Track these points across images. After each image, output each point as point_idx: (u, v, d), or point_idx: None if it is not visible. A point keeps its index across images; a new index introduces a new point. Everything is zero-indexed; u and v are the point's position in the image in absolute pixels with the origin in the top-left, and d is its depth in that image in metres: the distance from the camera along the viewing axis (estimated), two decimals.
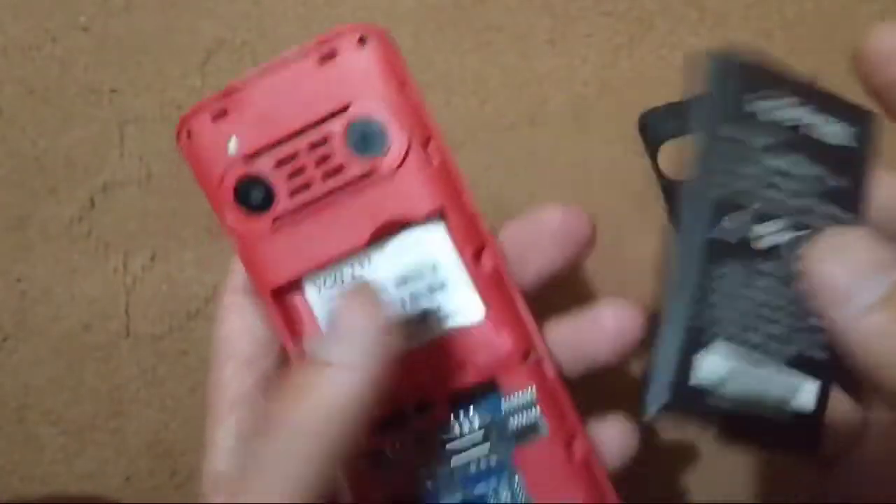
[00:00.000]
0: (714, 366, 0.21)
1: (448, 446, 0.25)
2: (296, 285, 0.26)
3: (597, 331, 0.26)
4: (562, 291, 0.30)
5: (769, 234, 0.22)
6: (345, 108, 0.25)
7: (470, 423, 0.26)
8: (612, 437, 0.26)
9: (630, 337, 0.26)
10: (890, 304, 0.17)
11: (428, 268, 0.26)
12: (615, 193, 0.39)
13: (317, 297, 0.26)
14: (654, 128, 0.40)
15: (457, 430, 0.26)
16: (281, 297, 0.25)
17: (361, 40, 0.26)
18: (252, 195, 0.25)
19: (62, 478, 0.38)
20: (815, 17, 0.40)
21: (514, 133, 0.39)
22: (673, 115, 0.40)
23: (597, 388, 0.26)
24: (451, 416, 0.26)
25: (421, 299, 0.26)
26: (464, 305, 0.26)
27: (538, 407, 0.26)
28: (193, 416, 0.38)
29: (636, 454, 0.26)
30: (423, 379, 0.25)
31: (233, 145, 0.25)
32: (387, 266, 0.25)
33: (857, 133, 0.24)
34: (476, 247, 0.25)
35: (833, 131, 0.23)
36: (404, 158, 0.25)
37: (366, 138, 0.25)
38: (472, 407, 0.26)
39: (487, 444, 0.26)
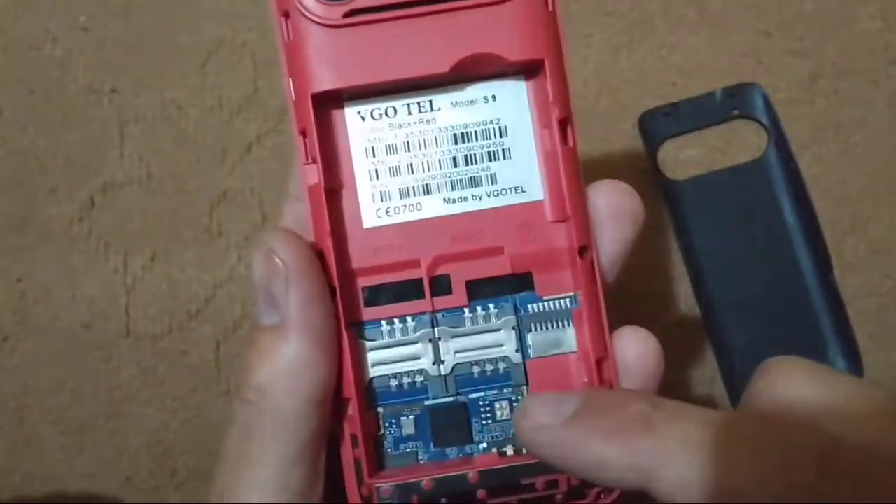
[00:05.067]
0: None
1: (455, 339, 0.22)
2: (338, 104, 0.22)
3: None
4: None
5: None
6: None
7: (488, 317, 0.22)
8: (632, 350, 0.23)
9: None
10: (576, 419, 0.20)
11: (495, 129, 0.22)
12: None
13: (359, 127, 0.22)
14: (654, 128, 0.40)
15: (471, 321, 0.22)
16: (321, 109, 0.22)
17: None
18: None
19: (62, 478, 0.38)
20: (815, 17, 0.40)
21: None
22: (672, 116, 0.40)
23: None
24: (470, 303, 0.22)
25: (477, 162, 0.22)
26: (524, 181, 0.22)
27: (573, 318, 0.23)
28: (193, 416, 0.38)
29: (661, 374, 0.23)
30: (450, 251, 0.22)
31: None
32: (449, 115, 0.22)
33: None
34: (558, 117, 0.22)
35: None
36: None
37: None
38: (497, 299, 0.22)
39: (502, 347, 0.22)
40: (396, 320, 0.22)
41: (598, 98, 0.39)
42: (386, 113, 0.22)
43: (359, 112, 0.22)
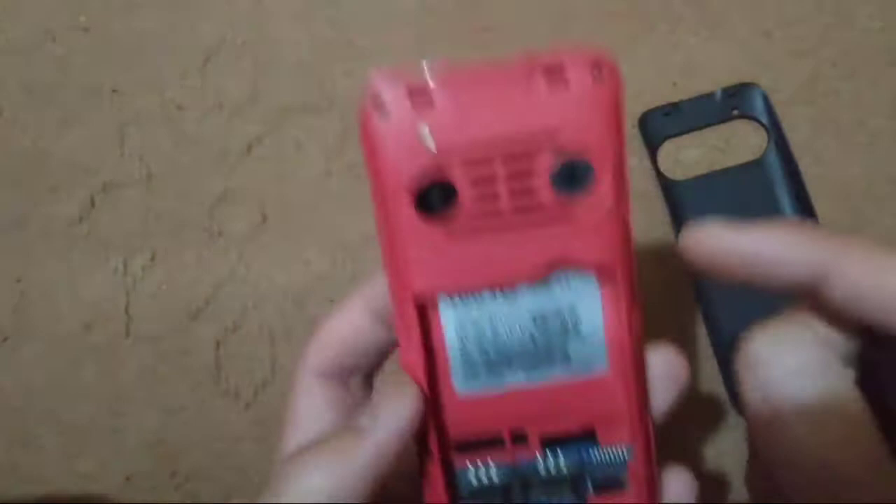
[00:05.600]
0: None
1: (529, 482, 0.26)
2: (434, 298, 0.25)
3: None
4: None
5: None
6: (557, 136, 0.23)
7: (557, 464, 0.26)
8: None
9: (679, 383, 0.26)
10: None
11: (567, 310, 0.25)
12: None
13: (451, 314, 0.25)
14: (654, 128, 0.40)
15: (542, 468, 0.26)
16: (422, 309, 0.25)
17: (595, 69, 0.24)
18: (434, 196, 0.23)
19: (62, 478, 0.38)
20: (815, 17, 0.40)
21: None
22: (672, 116, 0.40)
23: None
24: (542, 452, 0.26)
25: (551, 339, 0.25)
26: (590, 356, 0.26)
27: (628, 466, 0.26)
28: (193, 417, 0.38)
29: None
30: (527, 412, 0.26)
31: (429, 138, 0.23)
32: (528, 299, 0.25)
33: None
34: (625, 309, 0.25)
35: None
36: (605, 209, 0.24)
37: (572, 175, 0.24)
38: (564, 449, 0.26)
39: (568, 490, 0.26)
40: (481, 465, 0.26)
41: None
42: (473, 297, 0.25)
43: (450, 298, 0.25)
